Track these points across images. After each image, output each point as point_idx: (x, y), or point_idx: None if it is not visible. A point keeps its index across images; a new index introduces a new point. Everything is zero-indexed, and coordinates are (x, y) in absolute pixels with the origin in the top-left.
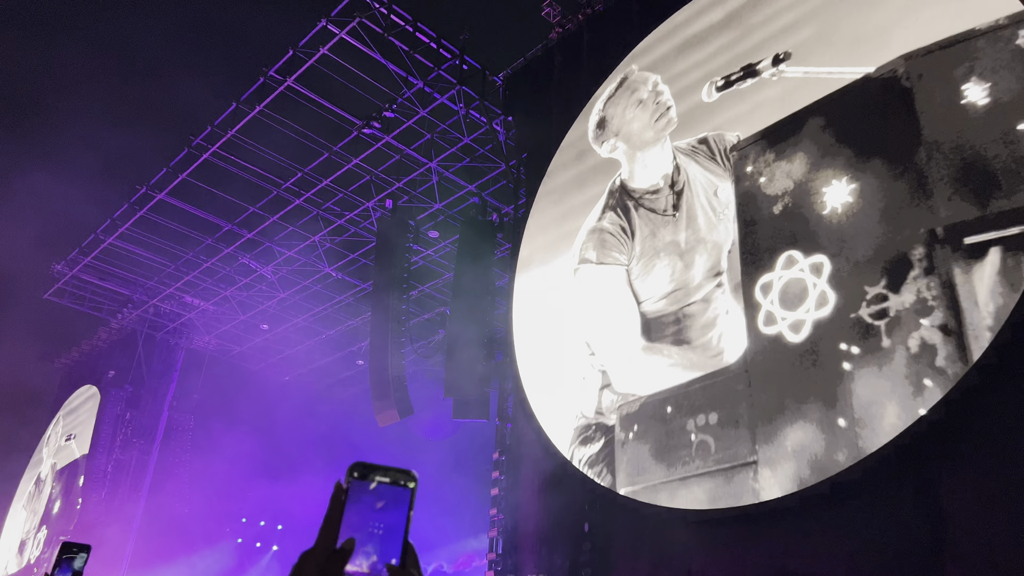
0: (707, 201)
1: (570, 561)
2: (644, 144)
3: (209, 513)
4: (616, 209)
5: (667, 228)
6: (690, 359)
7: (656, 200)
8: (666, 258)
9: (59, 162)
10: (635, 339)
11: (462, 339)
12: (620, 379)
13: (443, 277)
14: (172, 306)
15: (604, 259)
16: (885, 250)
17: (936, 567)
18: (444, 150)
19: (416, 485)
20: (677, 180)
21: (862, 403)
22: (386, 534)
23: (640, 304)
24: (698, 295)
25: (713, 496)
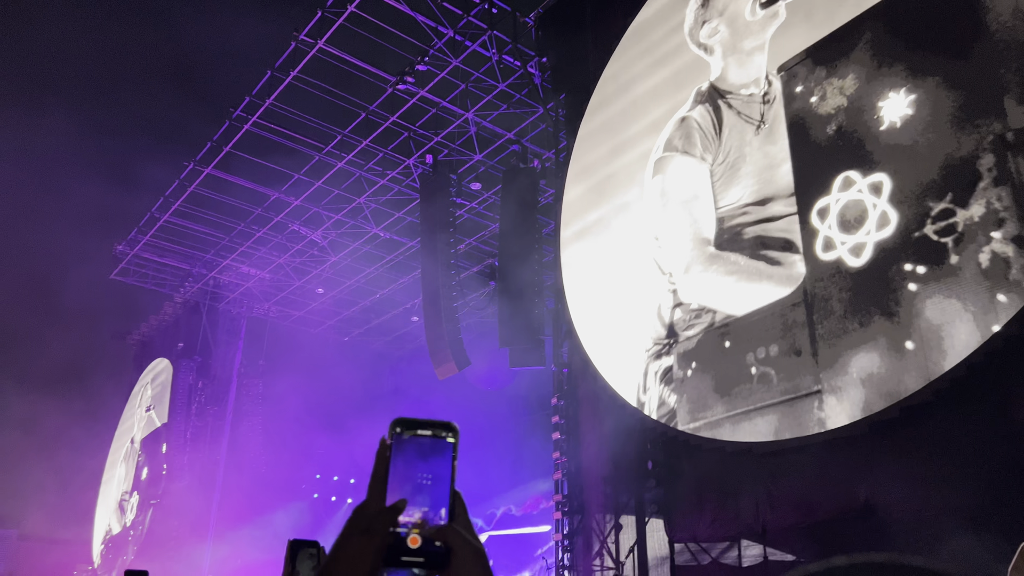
0: None
1: (635, 499)
2: (748, 32)
3: (284, 472)
4: (706, 104)
5: (756, 137)
6: (756, 273)
7: (748, 104)
8: (752, 166)
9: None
10: (707, 244)
11: (513, 288)
12: (684, 285)
13: (489, 228)
14: (230, 277)
15: (690, 150)
16: (950, 162)
17: (1014, 487)
18: (480, 99)
19: (457, 436)
20: (769, 92)
21: (931, 324)
22: (433, 484)
23: (718, 209)
24: (774, 215)
25: (777, 428)
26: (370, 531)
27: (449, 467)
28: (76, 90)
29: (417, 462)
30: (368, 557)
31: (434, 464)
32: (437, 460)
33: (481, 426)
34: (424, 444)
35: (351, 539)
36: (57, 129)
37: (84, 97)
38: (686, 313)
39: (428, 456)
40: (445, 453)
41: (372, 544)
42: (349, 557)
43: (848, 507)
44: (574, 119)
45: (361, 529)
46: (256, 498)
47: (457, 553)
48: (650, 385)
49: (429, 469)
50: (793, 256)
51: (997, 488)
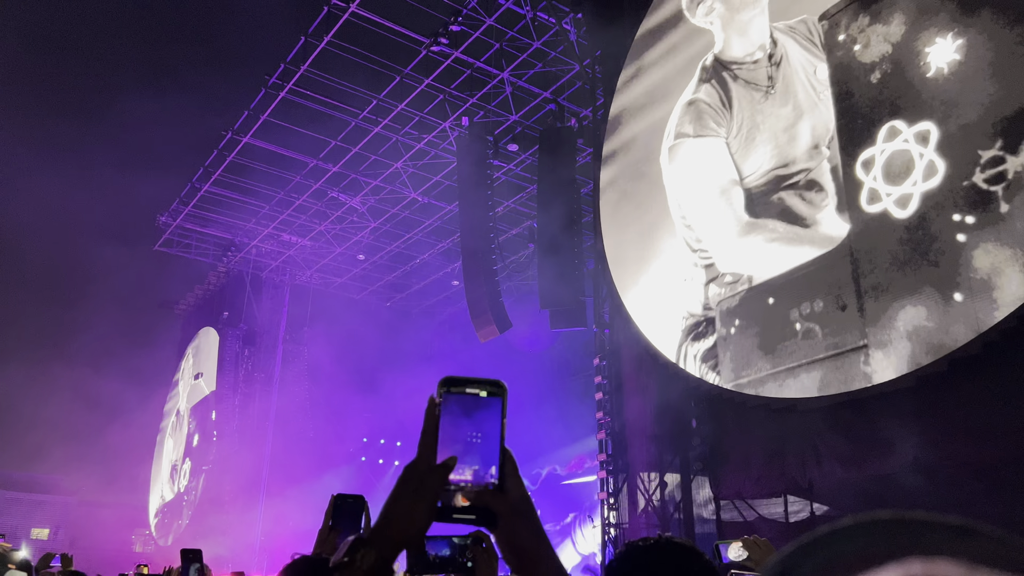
0: (807, 79)
1: (680, 457)
2: (743, 5)
3: (332, 436)
4: (711, 81)
5: (767, 102)
6: (795, 235)
7: (755, 71)
8: (767, 132)
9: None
10: (739, 214)
11: (552, 250)
12: (723, 257)
13: (527, 190)
14: (272, 245)
15: (703, 131)
16: (999, 108)
17: None
18: (515, 58)
19: (506, 394)
20: (775, 52)
21: (980, 275)
22: (482, 442)
23: (743, 180)
24: (801, 173)
25: (823, 384)
26: (422, 489)
27: (498, 425)
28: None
29: (466, 420)
30: (420, 514)
31: (483, 422)
32: (486, 418)
33: (524, 388)
34: (473, 402)
35: (403, 497)
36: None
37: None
38: (721, 287)
39: (477, 414)
40: (494, 411)
41: (424, 502)
42: (401, 514)
43: (896, 462)
44: (611, 75)
45: (413, 487)
46: (304, 462)
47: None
48: (691, 363)
49: (478, 427)
50: (824, 212)
51: None
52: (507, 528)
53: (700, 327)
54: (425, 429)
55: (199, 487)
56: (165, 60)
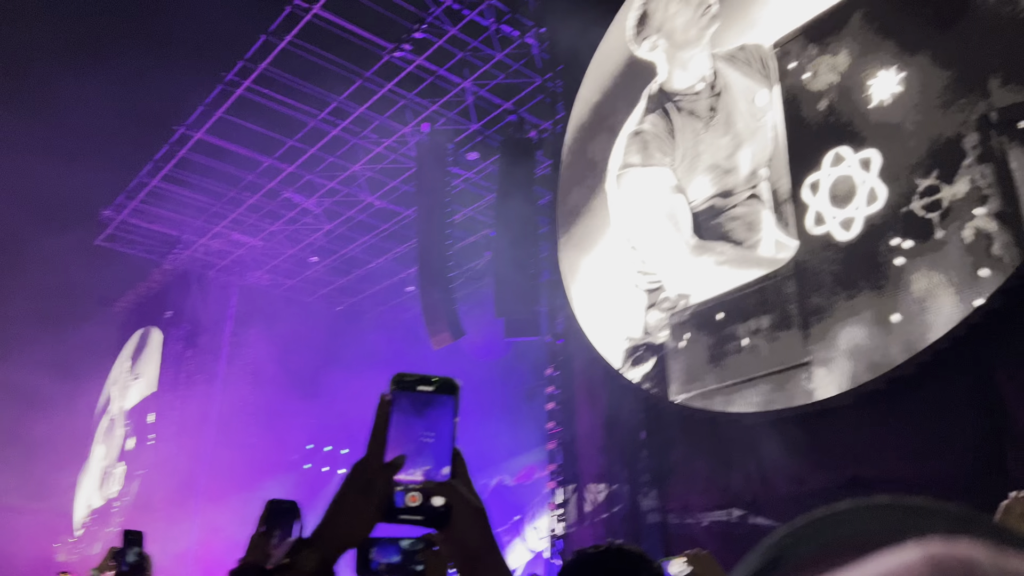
0: (746, 107)
1: (628, 469)
2: (686, 43)
3: (276, 442)
4: (656, 112)
5: (707, 132)
6: (741, 257)
7: (696, 103)
8: (708, 160)
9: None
10: (687, 237)
11: (508, 259)
12: (672, 281)
13: (485, 199)
14: (221, 244)
15: (649, 161)
16: (936, 140)
17: (996, 456)
18: (477, 68)
19: (458, 392)
20: (716, 84)
21: (916, 297)
22: (433, 441)
23: (689, 204)
24: (742, 198)
25: (768, 399)
26: (369, 488)
27: (450, 424)
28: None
29: (417, 419)
30: (366, 514)
31: (435, 421)
32: (438, 417)
33: (476, 396)
34: (425, 400)
35: (349, 496)
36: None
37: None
38: (661, 312)
39: (429, 413)
40: (446, 409)
41: (370, 502)
42: (347, 514)
43: (836, 478)
44: (572, 90)
45: (360, 486)
46: (246, 468)
47: (457, 511)
48: (629, 377)
49: (429, 426)
50: (763, 234)
51: (978, 458)
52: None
53: (639, 352)
54: (375, 427)
55: (132, 492)
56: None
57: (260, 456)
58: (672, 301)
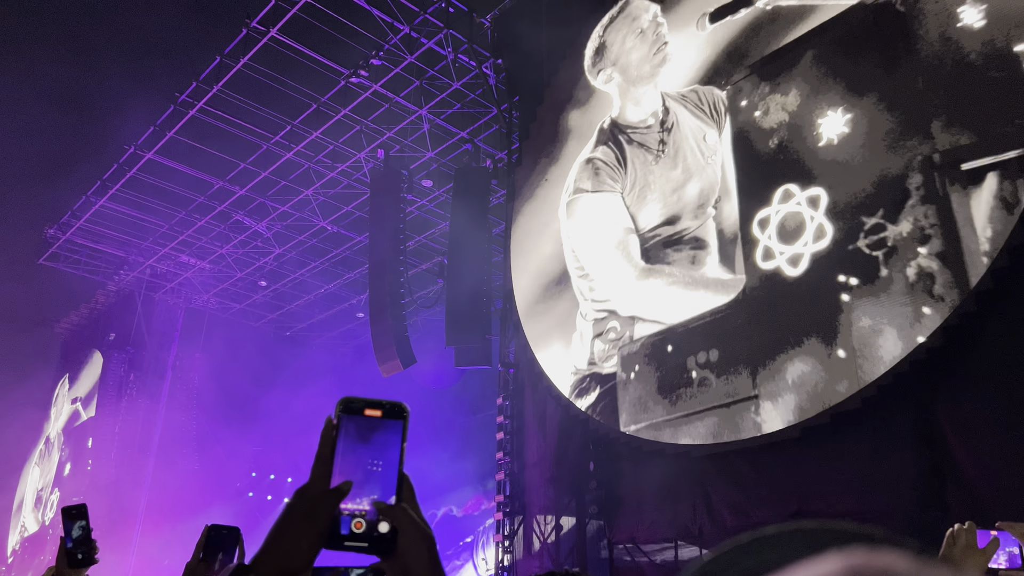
0: (696, 144)
1: (576, 499)
2: (639, 79)
3: (218, 469)
4: (608, 143)
5: (657, 164)
6: (691, 279)
7: (646, 136)
8: (657, 191)
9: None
10: (636, 260)
11: (461, 288)
12: (620, 305)
13: (439, 226)
14: (169, 266)
15: (600, 187)
16: (882, 180)
17: (937, 491)
18: (434, 96)
19: (407, 416)
20: (667, 120)
21: (861, 333)
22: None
23: (638, 231)
24: (690, 230)
25: (716, 431)
26: (312, 515)
27: (398, 450)
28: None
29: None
30: (309, 542)
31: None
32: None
33: (425, 425)
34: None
35: (291, 522)
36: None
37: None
38: (605, 343)
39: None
40: (394, 435)
41: (314, 529)
42: (289, 541)
43: (781, 511)
44: (527, 121)
45: (303, 513)
46: (188, 496)
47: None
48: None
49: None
50: (708, 267)
51: (920, 492)
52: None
53: (584, 383)
54: (320, 452)
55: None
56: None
57: (202, 483)
58: (618, 332)
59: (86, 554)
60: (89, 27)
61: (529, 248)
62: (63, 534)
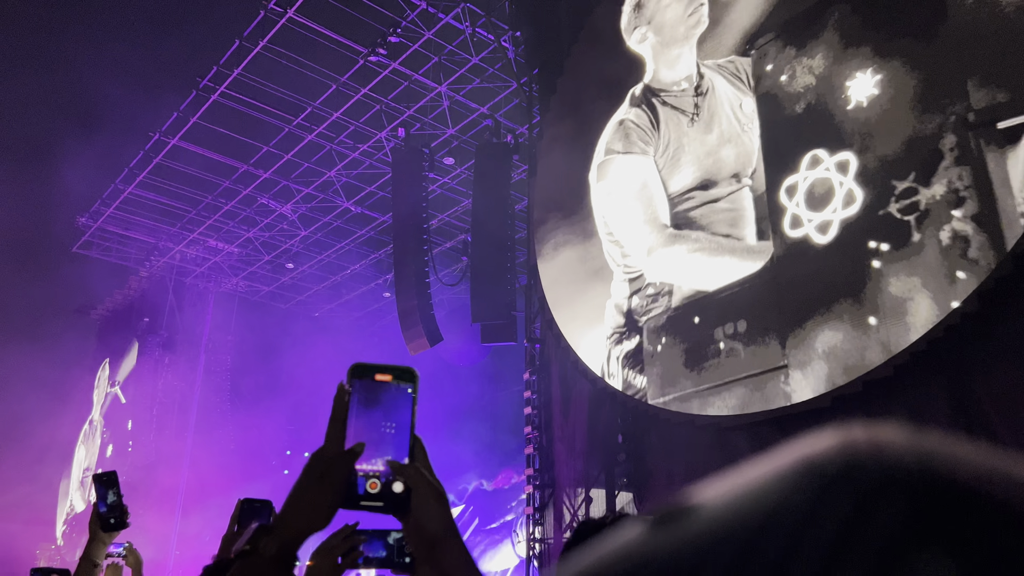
0: (732, 111)
1: (606, 472)
2: (673, 40)
3: (254, 447)
4: (640, 105)
5: (692, 128)
6: (718, 245)
7: (680, 99)
8: (692, 155)
9: (73, 114)
10: (664, 225)
11: (485, 265)
12: (649, 267)
13: (461, 204)
14: (197, 251)
15: (631, 148)
16: (913, 142)
17: None
18: (453, 72)
19: (417, 380)
20: (701, 84)
21: (893, 300)
22: (392, 430)
23: (668, 195)
24: (723, 199)
25: (744, 402)
26: (327, 476)
27: (409, 412)
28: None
29: (376, 408)
30: (326, 502)
31: (394, 409)
32: (397, 405)
33: (453, 401)
34: (384, 389)
35: (308, 484)
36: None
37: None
38: (643, 299)
39: (388, 401)
40: (405, 398)
41: (330, 489)
42: (307, 502)
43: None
44: (548, 94)
45: (318, 474)
46: (225, 474)
47: (418, 493)
48: (614, 364)
49: (389, 414)
50: (743, 235)
51: None
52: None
53: (623, 333)
54: (333, 415)
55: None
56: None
57: (239, 461)
58: (657, 287)
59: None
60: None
61: (554, 222)
62: (95, 500)
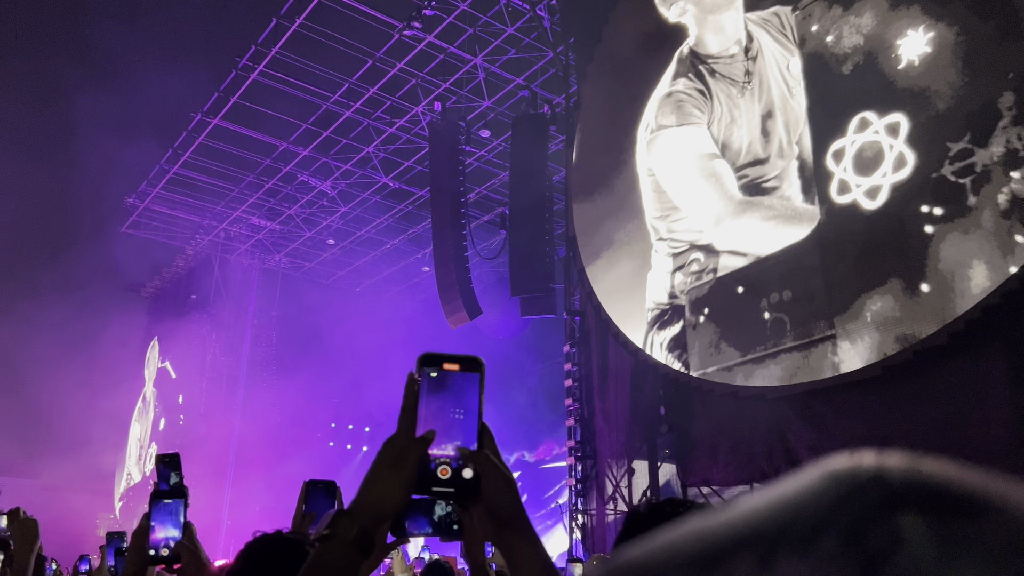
0: (780, 73)
1: (648, 444)
2: (716, 6)
3: (300, 420)
4: (688, 75)
5: (743, 98)
6: (793, 211)
7: (731, 66)
8: (744, 127)
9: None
10: (732, 193)
11: (523, 237)
12: (717, 236)
13: (499, 177)
14: (241, 229)
15: (685, 120)
16: (968, 101)
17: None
18: (488, 44)
19: (483, 369)
20: (751, 47)
21: (947, 266)
22: (461, 418)
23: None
24: (776, 170)
25: (791, 373)
26: (400, 462)
27: (476, 400)
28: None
29: (445, 396)
30: (399, 488)
31: (461, 397)
32: (464, 393)
33: (493, 374)
34: (451, 378)
35: (382, 470)
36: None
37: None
38: (686, 276)
39: (455, 390)
40: (472, 387)
41: (403, 475)
42: (381, 488)
43: (862, 451)
44: (584, 63)
45: (392, 460)
46: (272, 447)
47: (487, 479)
48: (657, 339)
49: (457, 402)
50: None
51: (1013, 430)
52: (488, 498)
53: (666, 316)
54: (404, 404)
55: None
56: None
57: (286, 434)
58: (701, 263)
59: None
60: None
61: (593, 193)
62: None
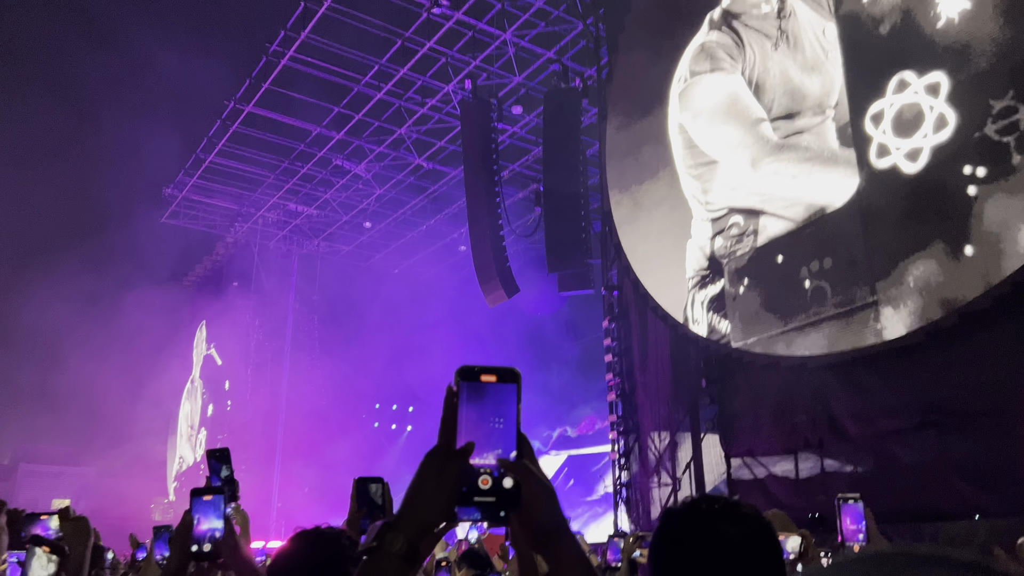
0: (815, 38)
1: (690, 416)
2: None
3: (344, 402)
4: (721, 27)
5: (776, 52)
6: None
7: (763, 23)
8: (777, 79)
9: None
10: (768, 135)
11: (559, 213)
12: (752, 185)
13: (532, 153)
14: (278, 215)
15: (718, 66)
16: (1011, 56)
17: None
18: (517, 18)
19: (520, 380)
20: (784, 8)
21: (992, 228)
22: (500, 428)
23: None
24: (810, 122)
25: (833, 341)
26: (442, 473)
27: (514, 411)
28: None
29: (483, 407)
30: (442, 499)
31: (499, 408)
32: (502, 404)
33: (533, 350)
34: (489, 390)
35: (425, 482)
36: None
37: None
38: (727, 239)
39: (493, 401)
40: (509, 397)
41: (445, 485)
42: (425, 499)
43: (907, 419)
44: (615, 33)
45: (434, 472)
46: (318, 429)
47: (528, 488)
48: (698, 310)
49: (495, 413)
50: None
51: None
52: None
53: (707, 278)
54: (444, 417)
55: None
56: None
57: (331, 416)
58: (741, 227)
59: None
60: None
61: (628, 164)
62: (208, 474)
